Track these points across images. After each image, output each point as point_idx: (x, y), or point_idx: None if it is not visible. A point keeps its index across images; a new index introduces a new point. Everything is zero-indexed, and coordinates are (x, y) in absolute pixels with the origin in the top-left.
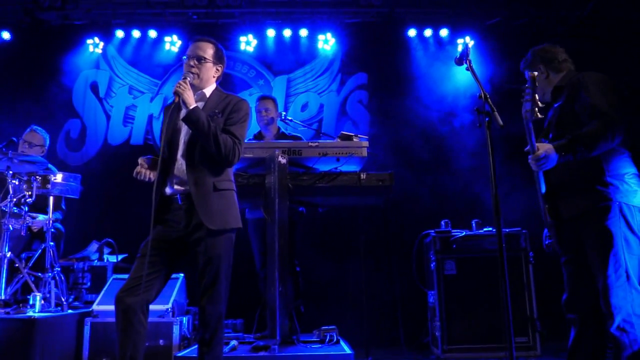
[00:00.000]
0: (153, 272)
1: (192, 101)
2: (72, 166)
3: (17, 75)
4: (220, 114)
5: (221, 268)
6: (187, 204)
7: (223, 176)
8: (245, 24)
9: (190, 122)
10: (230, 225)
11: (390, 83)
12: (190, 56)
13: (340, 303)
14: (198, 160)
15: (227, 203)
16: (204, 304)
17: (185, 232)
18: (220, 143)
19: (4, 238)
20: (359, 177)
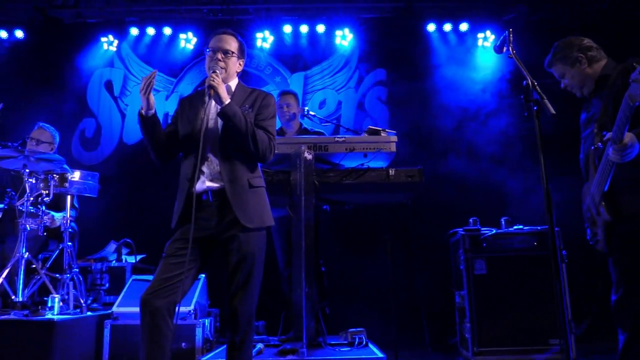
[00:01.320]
0: (180, 273)
1: (227, 95)
2: (87, 166)
3: (31, 74)
4: (250, 108)
5: (254, 267)
6: (218, 201)
7: (256, 173)
8: (261, 20)
9: (227, 118)
10: (265, 223)
11: (410, 79)
12: (215, 49)
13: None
14: (232, 157)
15: (261, 200)
16: (235, 304)
17: (217, 230)
18: (258, 139)
19: (21, 238)
20: (388, 173)
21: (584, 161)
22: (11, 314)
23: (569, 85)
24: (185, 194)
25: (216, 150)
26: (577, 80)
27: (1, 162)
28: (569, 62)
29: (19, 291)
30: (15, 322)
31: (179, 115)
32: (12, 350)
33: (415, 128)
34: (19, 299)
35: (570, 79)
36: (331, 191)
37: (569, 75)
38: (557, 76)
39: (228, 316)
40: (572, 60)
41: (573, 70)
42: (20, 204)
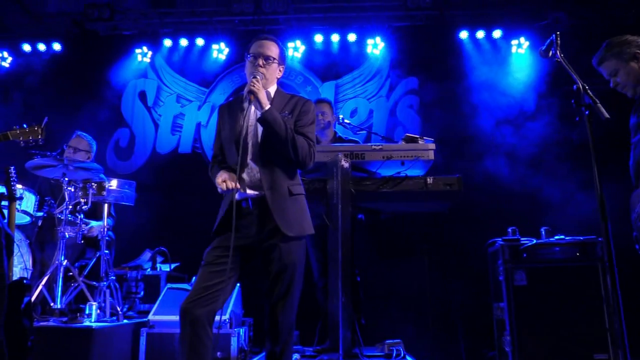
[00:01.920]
0: (219, 281)
1: (267, 101)
2: (122, 175)
3: (68, 86)
4: (290, 115)
5: (295, 277)
6: (258, 209)
7: (296, 180)
8: (292, 29)
9: (267, 124)
10: (306, 231)
11: (442, 87)
12: (257, 55)
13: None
14: (272, 164)
15: (302, 208)
16: (276, 313)
17: (257, 238)
18: (298, 146)
19: (60, 246)
20: (426, 182)
21: (634, 168)
22: (50, 321)
23: (622, 83)
24: (227, 202)
25: (256, 157)
26: (632, 78)
27: (41, 171)
28: (625, 58)
29: (57, 298)
30: (54, 329)
31: (220, 123)
32: (51, 357)
33: (448, 136)
34: (57, 306)
35: (625, 76)
36: (368, 200)
37: (624, 72)
38: (607, 74)
39: (268, 326)
40: (629, 56)
41: (629, 67)
42: (59, 212)
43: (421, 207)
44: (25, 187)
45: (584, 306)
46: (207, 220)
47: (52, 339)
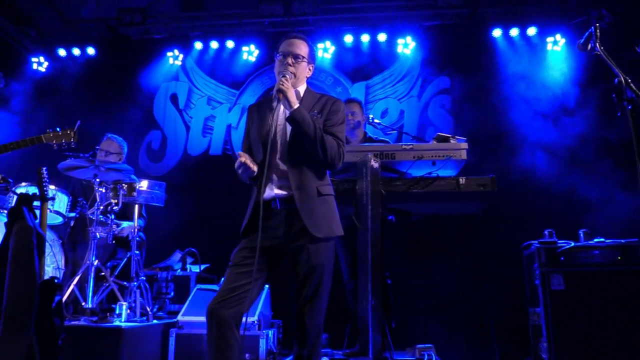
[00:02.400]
0: (247, 282)
1: (296, 100)
2: (154, 176)
3: (101, 89)
4: (319, 114)
5: (323, 279)
6: (287, 210)
7: (325, 180)
8: (321, 30)
9: (295, 123)
10: (335, 232)
11: (475, 86)
12: (286, 54)
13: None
14: (300, 164)
15: (331, 209)
16: (303, 316)
17: (285, 239)
18: (327, 145)
19: (91, 246)
20: (458, 182)
21: None
22: (81, 320)
23: None
24: (254, 202)
25: (284, 156)
26: None
27: (73, 172)
28: None
29: (88, 298)
30: (85, 329)
31: (249, 123)
32: (82, 356)
33: (482, 135)
34: (88, 305)
35: None
36: (398, 200)
37: None
38: None
39: (296, 329)
40: None
41: None
42: (91, 213)
43: (454, 208)
44: (58, 188)
45: (625, 313)
46: (237, 221)
47: (82, 338)
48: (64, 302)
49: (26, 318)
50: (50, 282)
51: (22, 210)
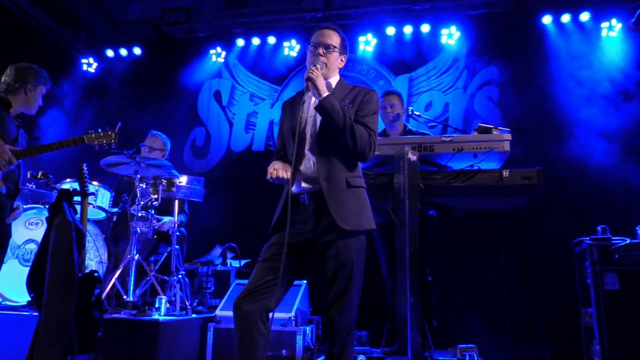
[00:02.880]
0: (273, 278)
1: (325, 88)
2: (198, 173)
3: (147, 88)
4: (351, 104)
5: (353, 274)
6: (315, 203)
7: (355, 172)
8: (363, 23)
9: (325, 111)
10: (365, 226)
11: (524, 76)
12: (317, 44)
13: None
14: (329, 155)
15: (361, 202)
16: (332, 314)
17: (314, 234)
18: (357, 134)
19: (132, 241)
20: (501, 175)
21: None
22: (122, 313)
23: None
24: (284, 196)
25: (313, 147)
26: None
27: (115, 168)
28: None
29: (129, 291)
30: (124, 321)
31: (283, 118)
32: (122, 347)
33: (531, 127)
34: (129, 298)
35: None
36: (437, 195)
37: None
38: None
39: (326, 326)
40: None
41: None
42: (132, 208)
43: (497, 202)
44: (100, 183)
45: None
46: None
47: (122, 331)
48: (107, 295)
49: (66, 310)
50: (90, 275)
51: (62, 205)
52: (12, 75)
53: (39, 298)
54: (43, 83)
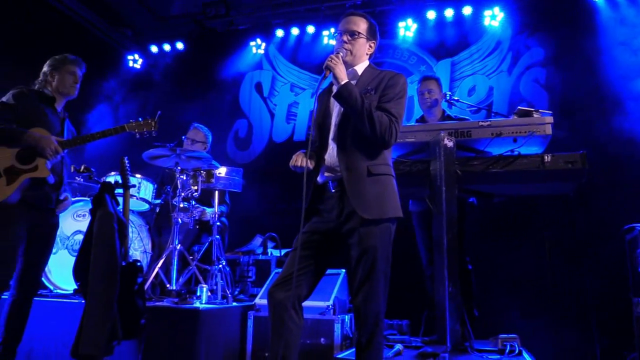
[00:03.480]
0: (304, 266)
1: (344, 76)
2: (241, 164)
3: (190, 82)
4: (374, 90)
5: (377, 262)
6: (339, 192)
7: (379, 160)
8: (404, 8)
9: (341, 99)
10: (388, 214)
11: (573, 57)
12: (342, 31)
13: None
14: (350, 143)
15: (384, 189)
16: (358, 302)
17: (338, 222)
18: (375, 121)
19: (174, 231)
20: (543, 160)
21: None
22: (164, 301)
23: None
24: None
25: (335, 137)
26: None
27: (157, 161)
28: None
29: (172, 280)
30: (166, 309)
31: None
32: (165, 334)
33: (580, 109)
34: (172, 287)
35: None
36: (476, 181)
37: None
38: None
39: (354, 315)
40: None
41: None
42: (173, 199)
43: (539, 188)
44: (143, 176)
45: None
46: None
47: (164, 319)
48: (151, 284)
49: (109, 298)
50: (132, 265)
51: (105, 197)
52: (46, 66)
53: (84, 286)
54: (70, 62)
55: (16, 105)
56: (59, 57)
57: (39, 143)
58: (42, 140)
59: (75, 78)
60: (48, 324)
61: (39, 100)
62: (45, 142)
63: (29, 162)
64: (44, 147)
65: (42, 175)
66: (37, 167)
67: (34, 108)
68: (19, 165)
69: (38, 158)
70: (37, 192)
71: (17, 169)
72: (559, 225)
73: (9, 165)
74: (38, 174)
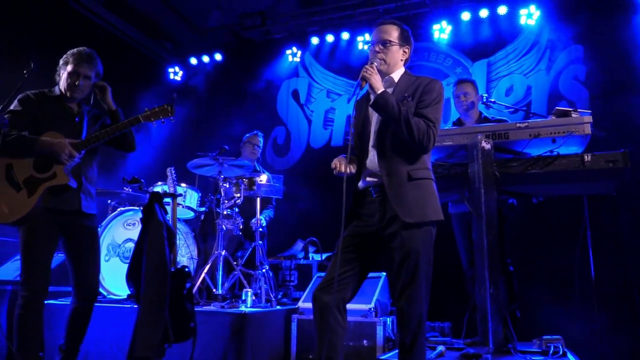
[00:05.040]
0: (347, 269)
1: (380, 85)
2: (280, 170)
3: (229, 91)
4: (411, 97)
5: (420, 264)
6: (380, 196)
7: (419, 164)
8: (438, 10)
9: (379, 107)
10: (429, 217)
11: (613, 53)
12: (375, 41)
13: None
14: (390, 149)
15: (425, 193)
16: (401, 304)
17: (379, 226)
18: (413, 127)
19: (219, 238)
20: (582, 159)
21: None
22: (211, 305)
23: None
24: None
25: (375, 143)
26: None
27: (201, 170)
28: None
29: (218, 285)
30: (214, 313)
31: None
32: (214, 337)
33: (622, 109)
34: (218, 292)
35: None
36: (515, 182)
37: None
38: None
39: (397, 317)
40: None
41: None
42: (217, 207)
43: (580, 188)
44: (188, 185)
45: None
46: None
47: (212, 322)
48: (198, 289)
49: (160, 303)
50: (181, 270)
51: (154, 207)
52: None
53: (137, 292)
54: (71, 60)
55: (23, 111)
56: (70, 51)
57: (52, 149)
58: (55, 145)
59: (76, 77)
60: (102, 328)
61: (47, 102)
62: (58, 147)
63: (46, 170)
64: (59, 153)
65: (61, 183)
66: (55, 175)
67: (42, 111)
68: (37, 175)
69: (55, 165)
70: (59, 197)
71: (36, 178)
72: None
73: (28, 176)
74: (57, 181)
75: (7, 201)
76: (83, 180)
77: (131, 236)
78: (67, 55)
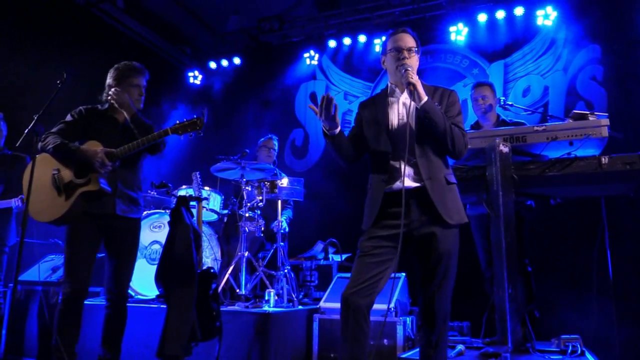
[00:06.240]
0: (378, 272)
1: (424, 92)
2: (298, 173)
3: (248, 95)
4: (439, 106)
5: (450, 265)
6: (416, 199)
7: (450, 169)
8: (454, 12)
9: (428, 115)
10: (464, 219)
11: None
12: (399, 48)
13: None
14: (429, 155)
15: (457, 197)
16: (432, 303)
17: (410, 228)
18: (455, 136)
19: (242, 239)
20: (600, 162)
21: None
22: (235, 305)
23: None
24: (382, 193)
25: (413, 148)
26: None
27: (223, 174)
28: None
29: (242, 285)
30: (239, 313)
31: (363, 118)
32: (238, 336)
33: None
34: (242, 292)
35: None
36: (533, 185)
37: None
38: None
39: (424, 315)
40: None
41: None
42: (240, 210)
43: (597, 189)
44: (212, 188)
45: None
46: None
47: (237, 321)
48: (222, 289)
49: (188, 302)
50: (207, 271)
51: (181, 210)
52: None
53: (166, 292)
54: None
55: (74, 122)
56: (121, 66)
57: (88, 157)
58: (90, 153)
59: (140, 90)
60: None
61: (97, 116)
62: (92, 156)
63: (84, 176)
64: (93, 161)
65: (93, 189)
66: (89, 181)
67: (91, 123)
68: (75, 180)
69: (91, 172)
70: (95, 202)
71: (74, 184)
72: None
73: (68, 181)
74: (90, 187)
75: (49, 202)
76: (119, 185)
77: (157, 238)
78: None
